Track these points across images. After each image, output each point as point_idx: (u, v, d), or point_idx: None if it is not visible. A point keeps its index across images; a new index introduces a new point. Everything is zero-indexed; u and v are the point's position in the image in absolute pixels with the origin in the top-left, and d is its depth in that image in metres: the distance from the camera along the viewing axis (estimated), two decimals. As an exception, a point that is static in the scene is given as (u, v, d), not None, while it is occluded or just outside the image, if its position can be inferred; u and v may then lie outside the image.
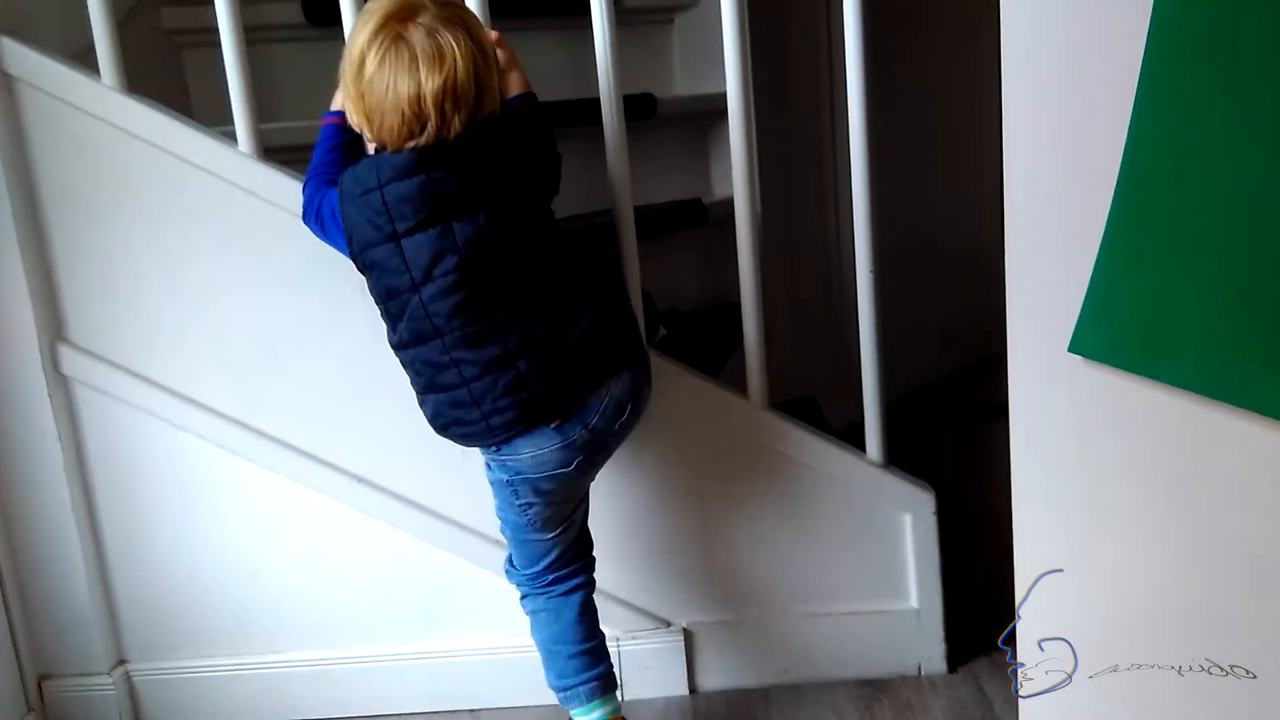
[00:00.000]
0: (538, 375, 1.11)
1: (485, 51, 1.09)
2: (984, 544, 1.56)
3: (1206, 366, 0.86)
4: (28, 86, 1.32)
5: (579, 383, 1.13)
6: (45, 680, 1.46)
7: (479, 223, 1.08)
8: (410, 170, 1.07)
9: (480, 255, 1.09)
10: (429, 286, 1.09)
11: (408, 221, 1.08)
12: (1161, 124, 0.84)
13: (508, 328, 1.10)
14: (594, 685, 1.24)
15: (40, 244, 1.36)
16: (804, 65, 2.13)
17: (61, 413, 1.39)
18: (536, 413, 1.13)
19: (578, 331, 1.12)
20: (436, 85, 1.05)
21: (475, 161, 1.08)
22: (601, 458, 1.22)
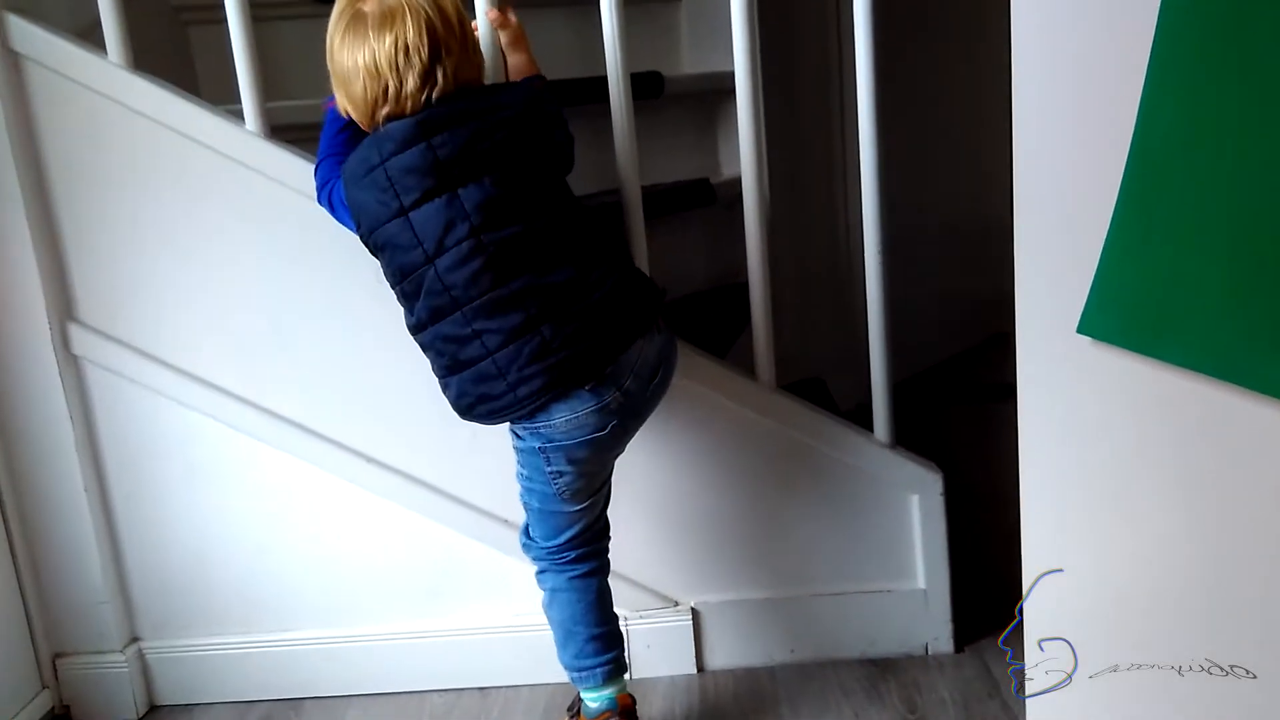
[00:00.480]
0: (561, 341, 1.10)
1: (445, 13, 1.09)
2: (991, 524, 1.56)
3: (1215, 347, 0.86)
4: (34, 64, 1.32)
5: (608, 344, 1.12)
6: (59, 658, 1.47)
7: (485, 187, 1.08)
8: (410, 140, 1.07)
9: (492, 220, 1.08)
10: (443, 258, 1.09)
11: (413, 193, 1.08)
12: (1171, 104, 0.84)
13: (528, 293, 1.09)
14: (608, 669, 1.25)
15: (49, 223, 1.37)
16: (812, 44, 2.11)
17: (72, 392, 1.40)
18: (565, 378, 1.11)
19: (600, 293, 1.12)
20: (387, 46, 1.07)
21: (476, 124, 1.08)
22: (635, 423, 1.21)
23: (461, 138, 1.08)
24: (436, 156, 1.07)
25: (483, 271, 1.09)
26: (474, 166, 1.08)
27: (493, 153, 1.09)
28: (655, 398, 1.21)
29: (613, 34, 1.31)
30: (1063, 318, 0.93)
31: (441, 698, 1.46)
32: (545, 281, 1.10)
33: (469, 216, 1.08)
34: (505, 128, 1.10)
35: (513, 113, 1.11)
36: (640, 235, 1.36)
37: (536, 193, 1.11)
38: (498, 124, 1.09)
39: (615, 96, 1.32)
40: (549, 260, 1.10)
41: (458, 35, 1.10)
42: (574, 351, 1.10)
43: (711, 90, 1.88)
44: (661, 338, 1.19)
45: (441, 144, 1.07)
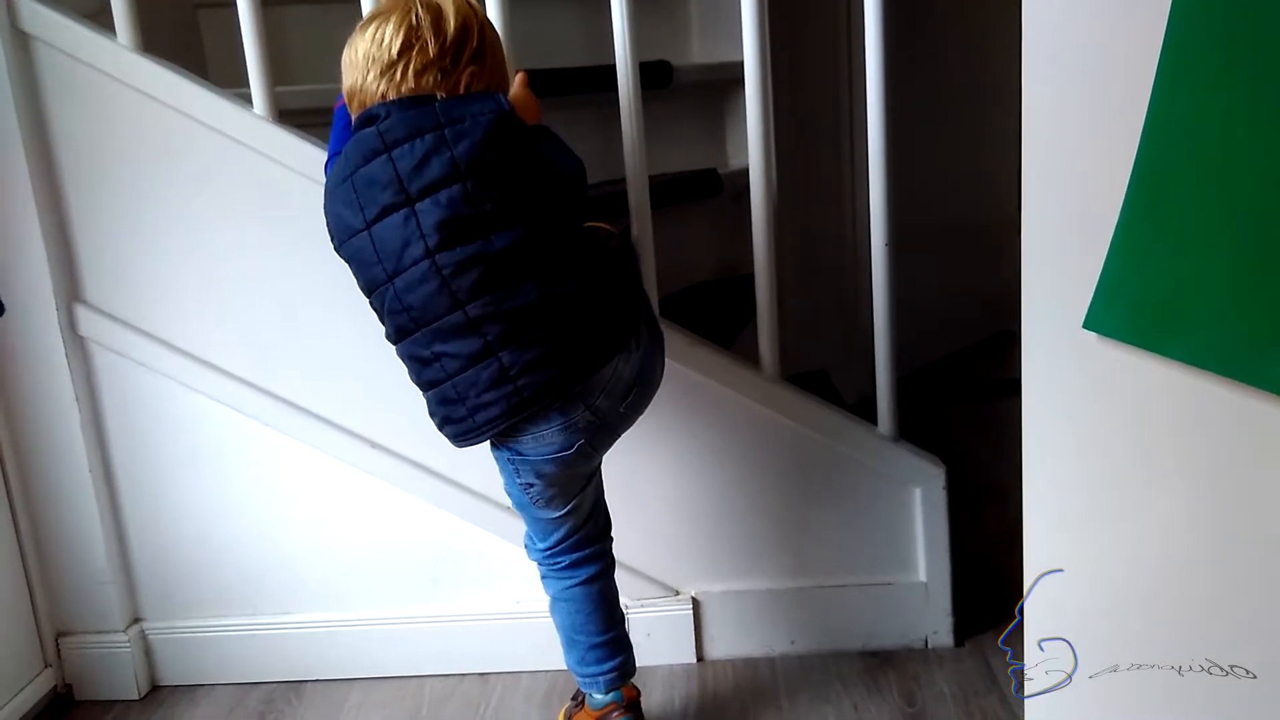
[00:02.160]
0: (521, 368, 1.06)
1: (440, 18, 1.06)
2: (992, 519, 1.57)
3: (1221, 345, 0.86)
4: (44, 45, 1.32)
5: (576, 367, 1.08)
6: (62, 636, 1.48)
7: (442, 203, 1.03)
8: (375, 151, 1.05)
9: (449, 239, 1.04)
10: (401, 277, 1.06)
11: (374, 207, 1.05)
12: (1181, 103, 0.84)
13: (486, 319, 1.05)
14: (611, 677, 1.24)
15: (56, 204, 1.37)
16: (821, 36, 2.11)
17: (79, 374, 1.40)
18: (524, 405, 1.08)
19: (569, 315, 1.07)
20: (366, 38, 1.07)
21: (435, 136, 1.03)
22: (606, 439, 1.17)
23: (420, 150, 1.03)
24: (396, 169, 1.04)
25: (438, 294, 1.05)
26: (433, 181, 1.03)
27: (453, 166, 1.03)
28: (632, 413, 1.18)
29: (622, 23, 1.30)
30: (1069, 313, 0.93)
31: (442, 683, 1.46)
32: (505, 307, 1.05)
33: (424, 236, 1.03)
34: (467, 138, 1.04)
35: (477, 126, 1.04)
36: (647, 225, 1.36)
37: (504, 210, 1.05)
38: (459, 135, 1.04)
39: (624, 85, 1.32)
40: (511, 282, 1.05)
41: (445, 41, 1.06)
42: (535, 378, 1.07)
43: (720, 80, 1.88)
44: (640, 353, 1.14)
45: (400, 156, 1.04)
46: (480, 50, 1.09)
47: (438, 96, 1.06)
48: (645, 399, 1.19)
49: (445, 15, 1.07)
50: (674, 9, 1.96)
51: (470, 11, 1.09)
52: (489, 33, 1.11)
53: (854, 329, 2.13)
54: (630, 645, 1.27)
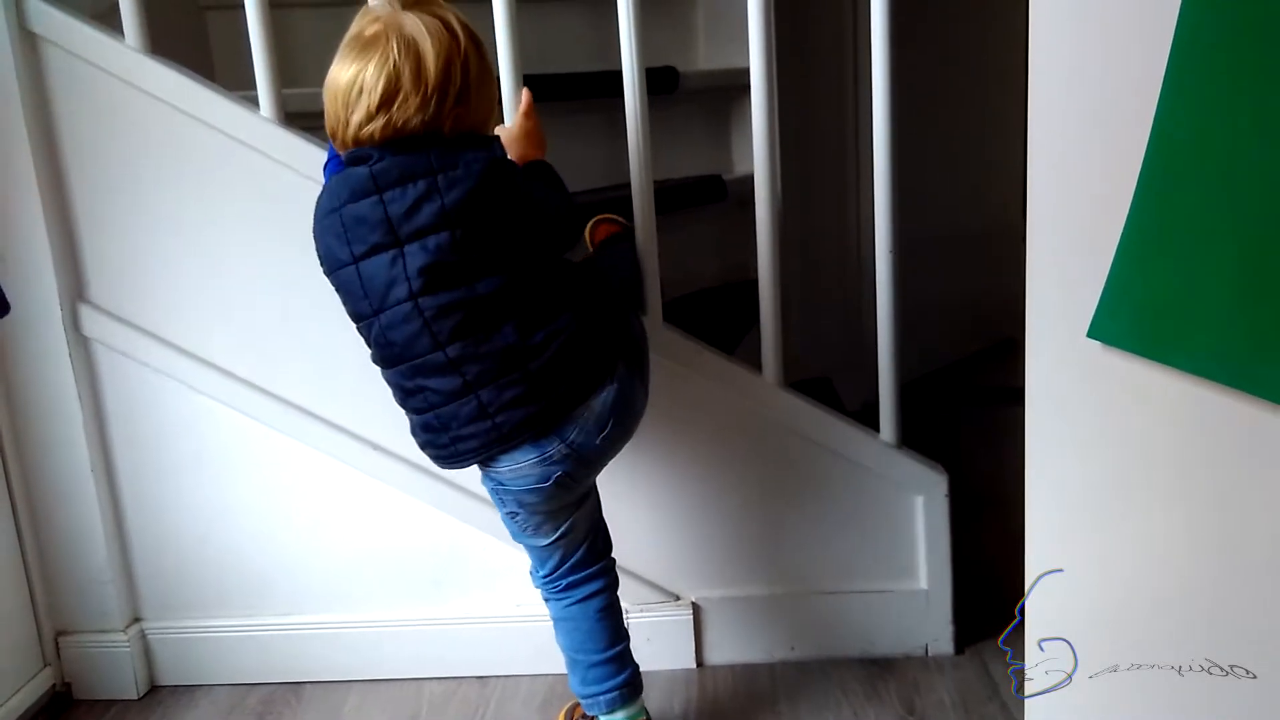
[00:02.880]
0: (499, 406, 1.08)
1: (422, 57, 1.03)
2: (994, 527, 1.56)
3: (1226, 354, 0.86)
4: (52, 46, 1.33)
5: (550, 407, 1.09)
6: (62, 635, 1.48)
7: (429, 249, 1.04)
8: (365, 191, 1.05)
9: (432, 284, 1.05)
10: (385, 314, 1.07)
11: (362, 245, 1.06)
12: (1188, 111, 0.84)
13: (464, 360, 1.07)
14: (615, 695, 1.22)
15: (62, 204, 1.37)
16: (827, 43, 2.11)
17: (81, 373, 1.40)
18: (503, 439, 1.10)
19: (542, 359, 1.08)
20: (348, 77, 1.04)
21: (428, 182, 1.04)
22: (586, 471, 1.17)
23: (412, 196, 1.03)
24: (387, 212, 1.04)
25: (420, 334, 1.06)
26: (422, 227, 1.04)
27: (443, 214, 1.04)
28: (611, 446, 1.17)
29: (629, 28, 1.31)
30: (1073, 321, 0.93)
31: (441, 686, 1.46)
32: (484, 349, 1.06)
33: (409, 280, 1.04)
34: (458, 187, 1.04)
35: (470, 174, 1.04)
36: (652, 230, 1.36)
37: (489, 257, 1.06)
38: (451, 183, 1.04)
39: (630, 91, 1.32)
40: (491, 325, 1.06)
41: (428, 89, 1.03)
42: (512, 415, 1.08)
43: (726, 86, 1.89)
44: (615, 387, 1.13)
45: (392, 199, 1.04)
46: (464, 89, 1.05)
47: (429, 139, 1.04)
48: (625, 431, 1.18)
49: (425, 59, 1.03)
50: (680, 15, 1.97)
51: (451, 46, 1.04)
52: (473, 64, 1.06)
53: (857, 335, 2.13)
54: (633, 663, 1.25)
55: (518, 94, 1.31)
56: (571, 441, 1.12)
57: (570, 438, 1.12)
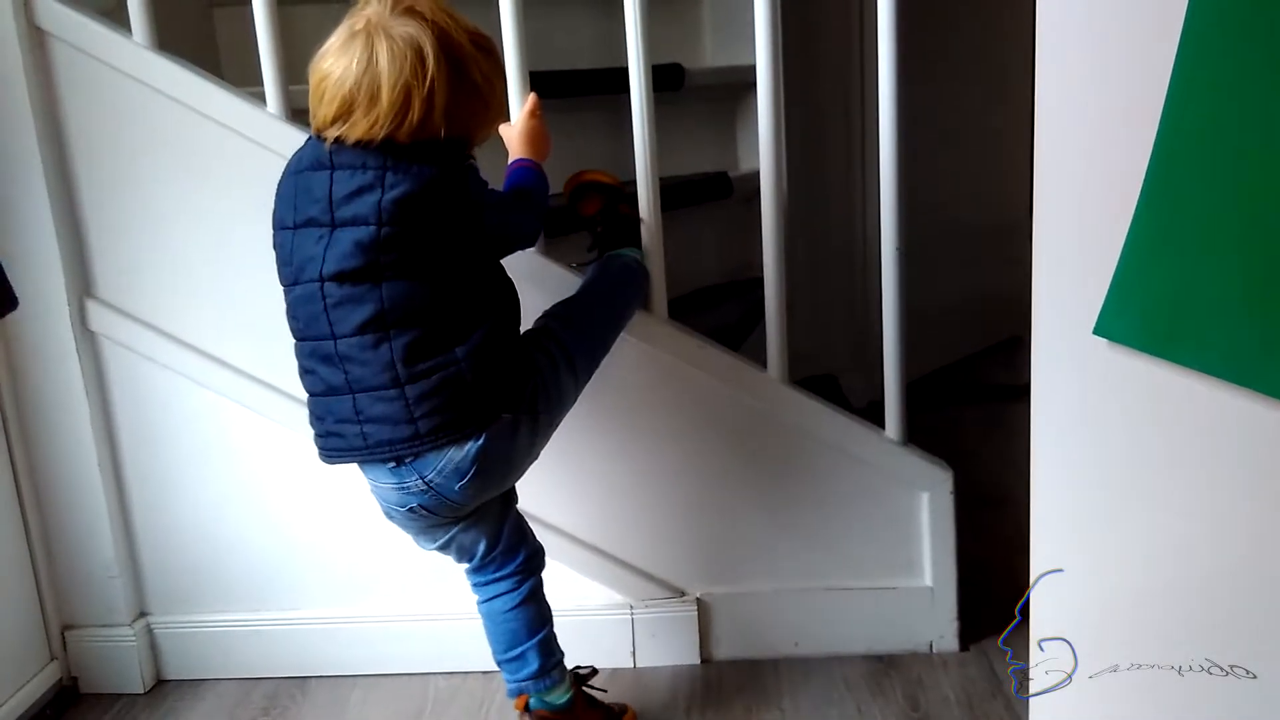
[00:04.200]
0: (367, 417, 1.07)
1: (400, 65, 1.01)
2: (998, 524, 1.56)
3: (1232, 351, 0.86)
4: (60, 42, 1.33)
5: (408, 438, 1.06)
6: (68, 630, 1.49)
7: (353, 237, 1.03)
8: (321, 164, 1.06)
9: (342, 275, 1.04)
10: (297, 288, 1.08)
11: (301, 215, 1.07)
12: (1195, 108, 0.84)
13: (349, 359, 1.06)
14: (512, 688, 1.23)
15: (70, 199, 1.38)
16: (834, 40, 2.11)
17: (89, 368, 1.41)
18: (361, 451, 1.08)
19: (424, 387, 1.05)
20: (321, 72, 1.04)
21: (374, 176, 1.03)
22: (448, 511, 1.13)
23: (356, 182, 1.03)
24: (331, 190, 1.04)
25: (319, 317, 1.06)
26: (355, 216, 1.03)
27: (377, 209, 1.02)
28: (475, 495, 1.12)
29: (635, 25, 1.31)
30: (1079, 319, 0.93)
31: (446, 680, 1.46)
32: (368, 354, 1.05)
33: (324, 261, 1.04)
34: (399, 188, 1.03)
35: (415, 180, 1.03)
36: (657, 227, 1.36)
37: (404, 265, 1.04)
38: (395, 183, 1.03)
39: (636, 88, 1.33)
40: (383, 332, 1.04)
41: (384, 108, 1.02)
42: (376, 431, 1.07)
43: (732, 83, 1.89)
44: (479, 444, 1.07)
45: (340, 180, 1.04)
46: (427, 113, 1.03)
47: (391, 140, 1.03)
48: (491, 483, 1.13)
49: (380, 86, 1.01)
50: (687, 12, 1.97)
51: (413, 72, 1.01)
52: (440, 89, 1.03)
53: (863, 333, 2.13)
54: (525, 673, 1.22)
55: (524, 91, 1.31)
56: (430, 480, 1.09)
57: (428, 476, 1.09)
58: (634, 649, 1.46)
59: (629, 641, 1.46)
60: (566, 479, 1.42)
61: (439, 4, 1.06)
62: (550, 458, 1.41)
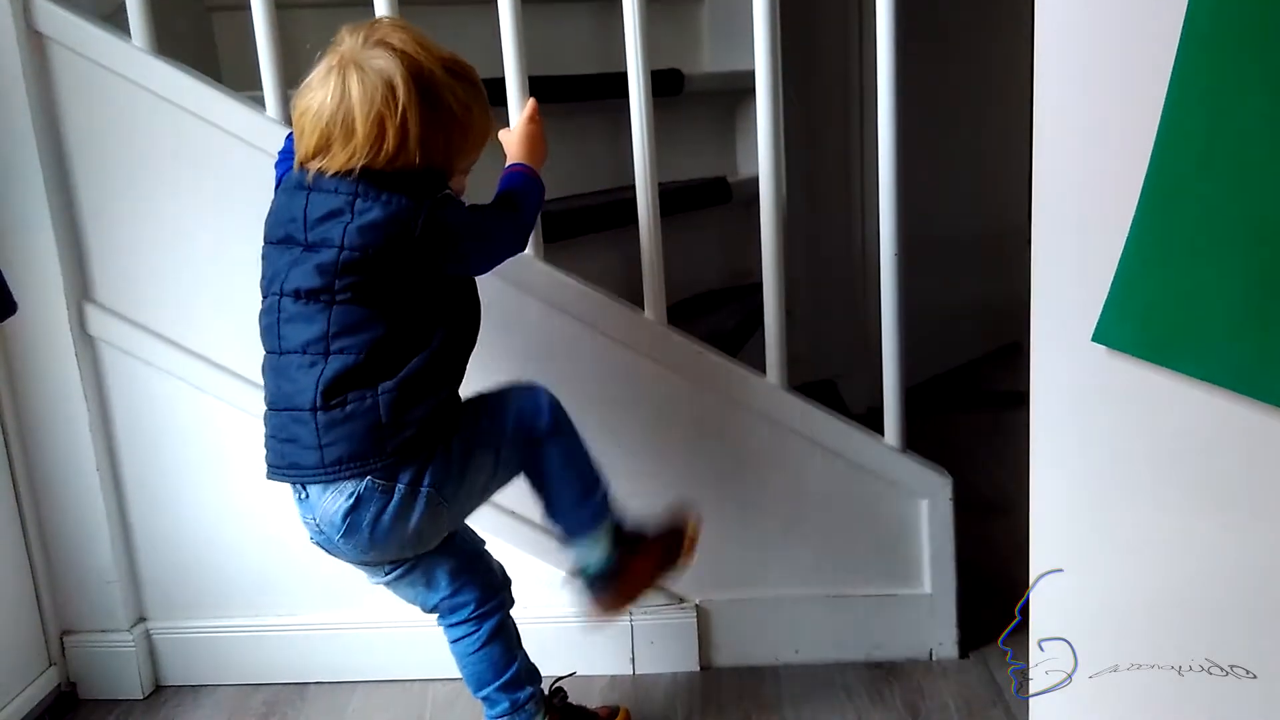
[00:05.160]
0: (286, 435, 1.08)
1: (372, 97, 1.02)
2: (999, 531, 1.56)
3: (1231, 360, 0.86)
4: (59, 46, 1.33)
5: (313, 466, 1.06)
6: (67, 635, 1.48)
7: (317, 257, 1.04)
8: (300, 186, 1.07)
9: (298, 293, 1.06)
10: (265, 300, 1.10)
11: (281, 231, 1.09)
12: (1193, 115, 0.84)
13: (287, 375, 1.07)
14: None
15: (69, 203, 1.37)
16: (832, 46, 2.11)
17: (87, 373, 1.41)
18: (280, 470, 1.09)
19: (328, 418, 1.05)
20: (301, 106, 1.06)
21: (345, 202, 1.04)
22: (348, 557, 1.13)
23: (329, 205, 1.04)
24: (306, 211, 1.06)
25: (271, 329, 1.09)
26: (323, 239, 1.05)
27: (343, 233, 1.03)
28: (360, 549, 1.10)
29: (634, 31, 1.31)
30: (1078, 326, 0.93)
31: (445, 687, 1.46)
32: (298, 375, 1.06)
33: (287, 279, 1.06)
34: (368, 215, 1.03)
35: (384, 209, 1.03)
36: (656, 232, 1.36)
37: (361, 293, 1.04)
38: (365, 210, 1.03)
39: (635, 93, 1.33)
40: (322, 354, 1.05)
41: (360, 140, 1.03)
42: (288, 453, 1.08)
43: (731, 89, 1.89)
44: (346, 500, 1.06)
45: (315, 202, 1.05)
46: (402, 143, 1.03)
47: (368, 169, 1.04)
48: (358, 549, 1.10)
49: (354, 119, 1.02)
50: (686, 18, 1.97)
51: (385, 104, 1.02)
52: (412, 120, 1.03)
53: (862, 339, 2.13)
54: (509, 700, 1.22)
55: (523, 96, 1.31)
56: (316, 521, 1.10)
57: (316, 517, 1.10)
58: (633, 656, 1.45)
59: (628, 648, 1.45)
60: (565, 484, 1.42)
61: (412, 35, 1.06)
62: (549, 463, 1.41)
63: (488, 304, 1.18)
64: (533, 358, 1.37)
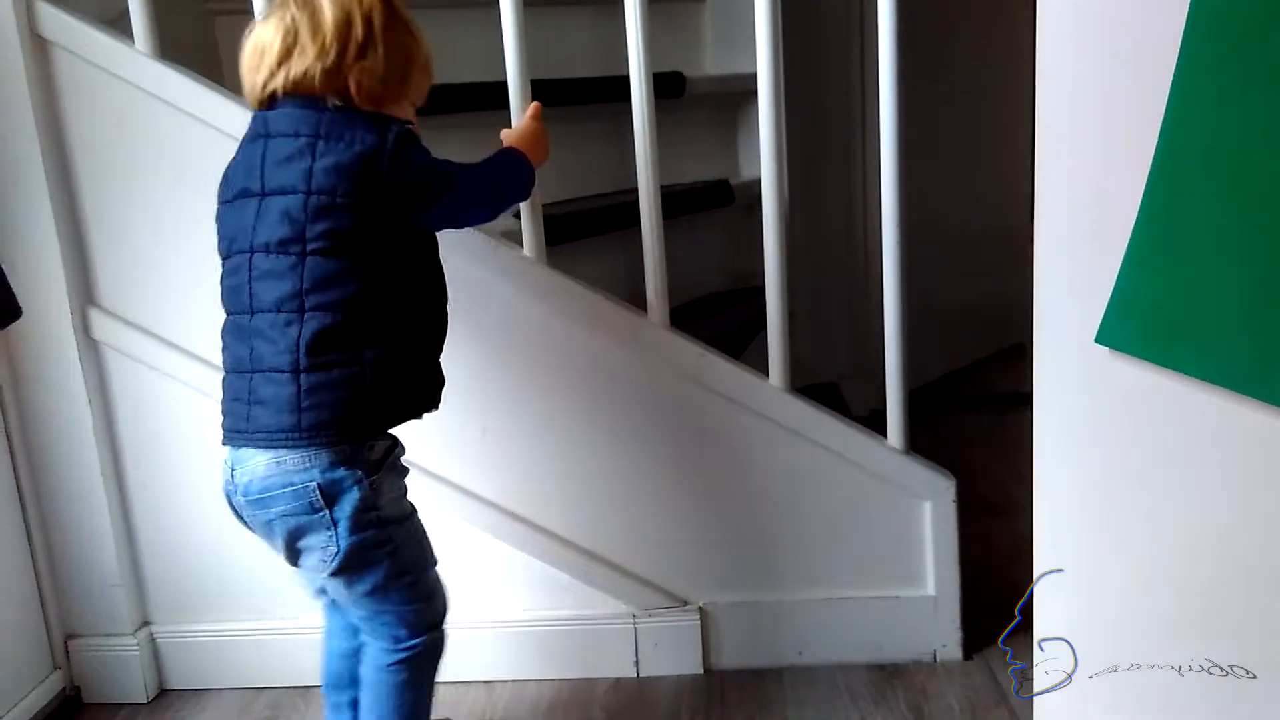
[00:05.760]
0: (255, 398, 1.02)
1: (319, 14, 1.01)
2: (1003, 532, 1.56)
3: (1234, 360, 0.86)
4: (62, 51, 1.33)
5: (288, 429, 1.01)
6: (71, 639, 1.49)
7: (281, 206, 1.00)
8: (256, 133, 1.04)
9: (265, 245, 1.01)
10: (228, 261, 1.06)
11: (233, 189, 1.06)
12: (1196, 116, 0.84)
13: (260, 333, 1.02)
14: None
15: (72, 207, 1.38)
16: (835, 47, 2.11)
17: (91, 377, 1.41)
18: (243, 435, 1.04)
19: (313, 380, 1.00)
20: (251, 41, 1.04)
21: (307, 142, 1.01)
22: (259, 532, 1.08)
23: (288, 149, 1.01)
24: (264, 156, 1.02)
25: (241, 290, 1.03)
26: (283, 185, 1.01)
27: (307, 177, 1.00)
28: (261, 530, 1.07)
29: (636, 34, 1.31)
30: (1081, 327, 0.93)
31: (447, 690, 1.46)
32: (273, 334, 1.01)
33: (255, 232, 1.02)
34: (332, 156, 1.00)
35: (349, 150, 1.00)
36: (659, 235, 1.36)
37: (333, 241, 1.00)
38: (328, 151, 1.00)
39: (637, 96, 1.33)
40: (292, 317, 1.00)
41: (325, 40, 1.01)
42: (257, 416, 1.02)
43: (733, 91, 1.89)
44: (285, 474, 1.02)
45: (273, 147, 1.02)
46: (368, 40, 1.02)
47: (330, 104, 1.02)
48: (259, 524, 1.07)
49: (321, 10, 1.01)
50: (688, 21, 1.97)
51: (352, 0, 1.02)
52: (377, 16, 1.03)
53: (864, 341, 2.13)
54: None
55: (525, 99, 1.31)
56: (231, 488, 1.06)
57: (232, 480, 1.06)
58: (637, 659, 1.45)
59: (631, 651, 1.45)
60: (567, 487, 1.42)
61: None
62: (551, 466, 1.42)
63: (490, 308, 1.18)
64: (535, 361, 1.37)
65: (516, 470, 1.42)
